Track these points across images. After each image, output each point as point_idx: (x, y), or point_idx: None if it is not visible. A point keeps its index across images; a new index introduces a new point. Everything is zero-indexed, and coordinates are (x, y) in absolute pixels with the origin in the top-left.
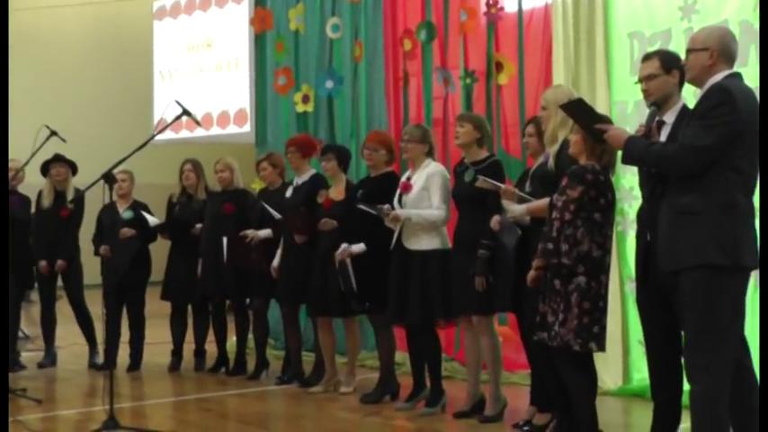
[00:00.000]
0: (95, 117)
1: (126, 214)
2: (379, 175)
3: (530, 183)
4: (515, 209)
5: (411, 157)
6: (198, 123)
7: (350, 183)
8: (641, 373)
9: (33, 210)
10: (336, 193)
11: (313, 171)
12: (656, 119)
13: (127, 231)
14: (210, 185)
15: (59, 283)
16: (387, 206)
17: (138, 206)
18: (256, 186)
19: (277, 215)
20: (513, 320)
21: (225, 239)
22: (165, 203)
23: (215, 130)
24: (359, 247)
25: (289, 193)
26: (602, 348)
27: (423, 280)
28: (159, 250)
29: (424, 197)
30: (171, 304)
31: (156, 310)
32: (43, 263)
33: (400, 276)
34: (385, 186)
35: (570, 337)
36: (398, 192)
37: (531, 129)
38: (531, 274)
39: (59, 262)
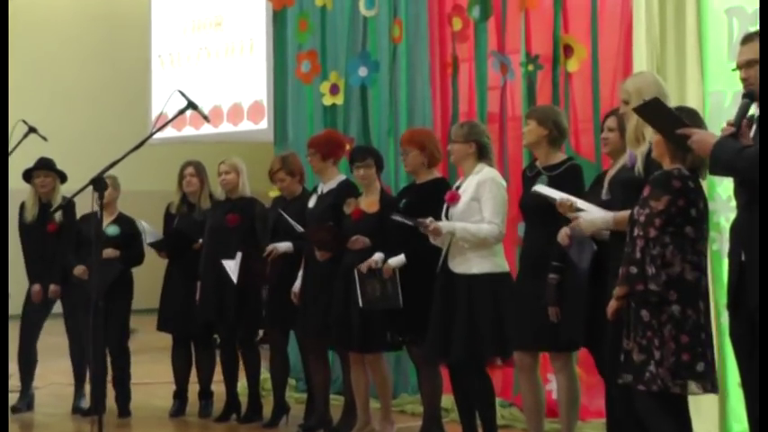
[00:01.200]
0: (81, 110)
1: (110, 230)
2: (425, 183)
3: (607, 190)
4: (592, 218)
5: (456, 161)
6: (206, 119)
7: (384, 192)
8: (741, 424)
9: (17, 224)
10: (368, 203)
11: (341, 177)
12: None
13: (111, 252)
14: (216, 193)
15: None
16: (429, 219)
17: (123, 220)
18: (274, 195)
19: (299, 228)
20: (584, 359)
21: (239, 255)
22: (162, 215)
23: (225, 127)
24: (398, 260)
25: (311, 202)
26: (712, 389)
27: (470, 309)
28: (158, 271)
29: (474, 210)
30: (172, 337)
31: (155, 342)
32: (36, 287)
33: (444, 304)
34: (431, 195)
35: (668, 377)
36: (445, 204)
37: (612, 122)
38: (612, 304)
39: (52, 287)
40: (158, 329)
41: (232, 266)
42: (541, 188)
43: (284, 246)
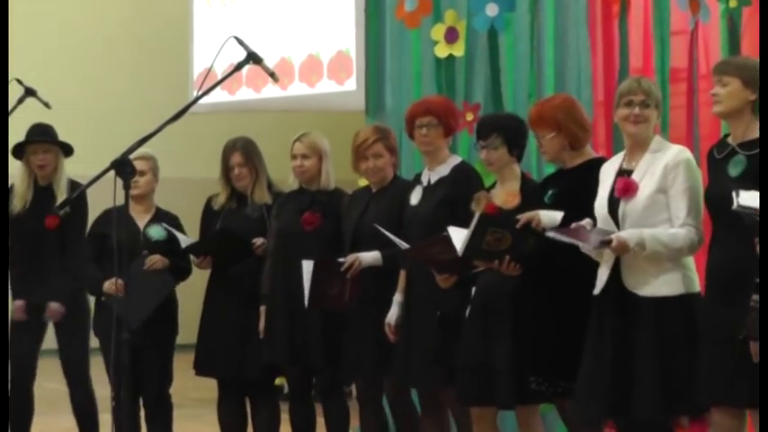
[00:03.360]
0: (98, 67)
1: (153, 231)
2: (578, 167)
3: None
4: None
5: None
6: (272, 76)
7: (527, 177)
8: None
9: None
10: (506, 196)
11: (456, 160)
12: None
13: (158, 261)
14: (278, 181)
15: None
16: (587, 221)
17: (165, 218)
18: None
19: (402, 244)
20: None
21: (308, 264)
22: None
23: (297, 89)
24: (554, 217)
25: (414, 198)
26: None
27: (662, 347)
28: (194, 292)
29: (660, 206)
30: (218, 384)
31: (192, 392)
32: (18, 303)
33: (615, 340)
34: (587, 183)
35: None
36: (606, 194)
37: None
38: None
39: (52, 306)
40: (198, 374)
41: (308, 274)
42: (748, 197)
43: (371, 257)
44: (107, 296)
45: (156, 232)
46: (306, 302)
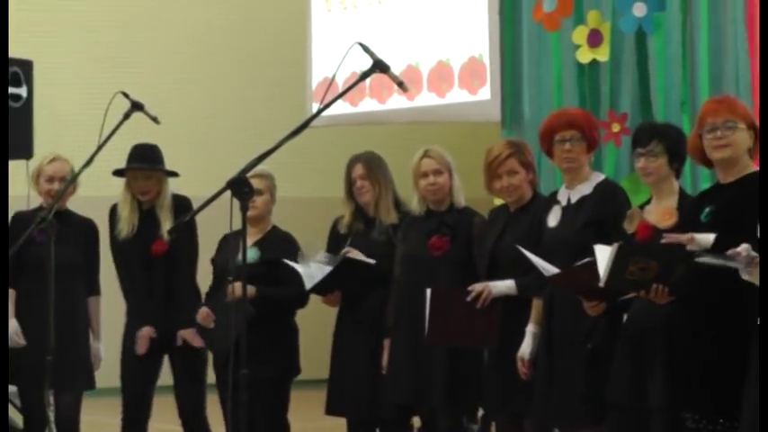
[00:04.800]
0: (209, 78)
1: (250, 254)
2: (740, 180)
3: None
4: None
5: None
6: (400, 85)
7: (685, 194)
8: None
9: (109, 239)
10: (661, 213)
11: (599, 177)
12: None
13: (237, 288)
14: (405, 200)
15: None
16: (743, 248)
17: (273, 239)
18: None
19: (547, 268)
20: None
21: (428, 292)
22: (328, 234)
23: (425, 99)
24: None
25: (553, 219)
26: None
27: None
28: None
29: None
30: (347, 423)
31: (317, 429)
32: (146, 331)
33: (761, 374)
34: (750, 198)
35: None
36: None
37: None
38: None
39: (184, 333)
40: (328, 413)
41: (427, 300)
42: None
43: (503, 286)
44: (201, 326)
45: (250, 256)
46: (426, 336)
